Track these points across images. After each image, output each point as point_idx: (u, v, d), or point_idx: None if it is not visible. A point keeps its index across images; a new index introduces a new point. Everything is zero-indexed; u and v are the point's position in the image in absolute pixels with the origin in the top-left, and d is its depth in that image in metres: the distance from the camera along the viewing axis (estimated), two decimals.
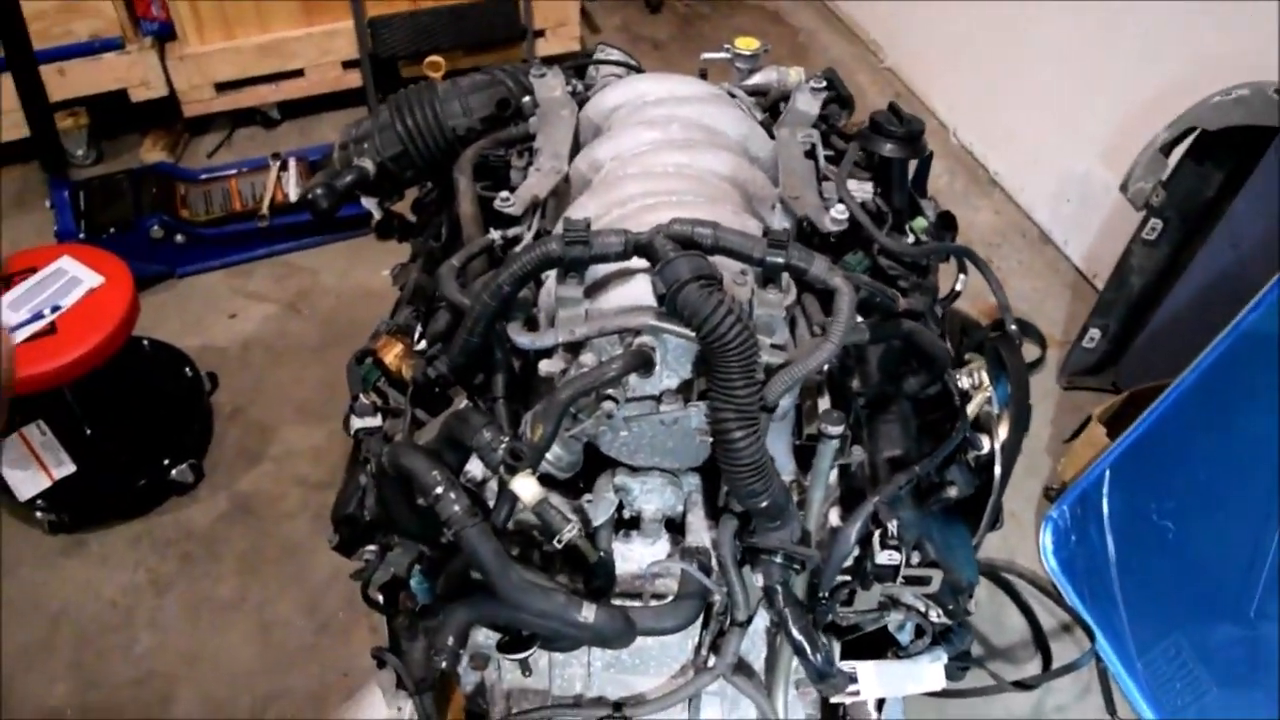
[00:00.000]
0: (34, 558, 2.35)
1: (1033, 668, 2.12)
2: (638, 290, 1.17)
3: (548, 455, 1.17)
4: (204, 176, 3.15)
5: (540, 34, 3.69)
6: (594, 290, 1.19)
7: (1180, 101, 2.26)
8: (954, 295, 1.59)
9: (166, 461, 2.44)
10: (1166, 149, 2.31)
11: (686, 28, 4.26)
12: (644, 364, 1.12)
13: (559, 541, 1.11)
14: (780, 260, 1.11)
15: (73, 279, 2.22)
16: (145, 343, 2.67)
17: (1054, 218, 3.18)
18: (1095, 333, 2.66)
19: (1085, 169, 2.99)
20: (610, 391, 1.13)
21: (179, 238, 2.96)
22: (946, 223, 1.63)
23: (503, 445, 1.09)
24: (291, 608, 2.25)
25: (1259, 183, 2.14)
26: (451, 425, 1.15)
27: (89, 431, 2.38)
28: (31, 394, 2.14)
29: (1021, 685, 1.88)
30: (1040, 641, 2.17)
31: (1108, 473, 2.19)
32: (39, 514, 2.36)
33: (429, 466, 1.11)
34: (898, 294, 1.31)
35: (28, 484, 2.32)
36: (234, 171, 3.16)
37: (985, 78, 3.41)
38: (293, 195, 3.06)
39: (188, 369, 2.66)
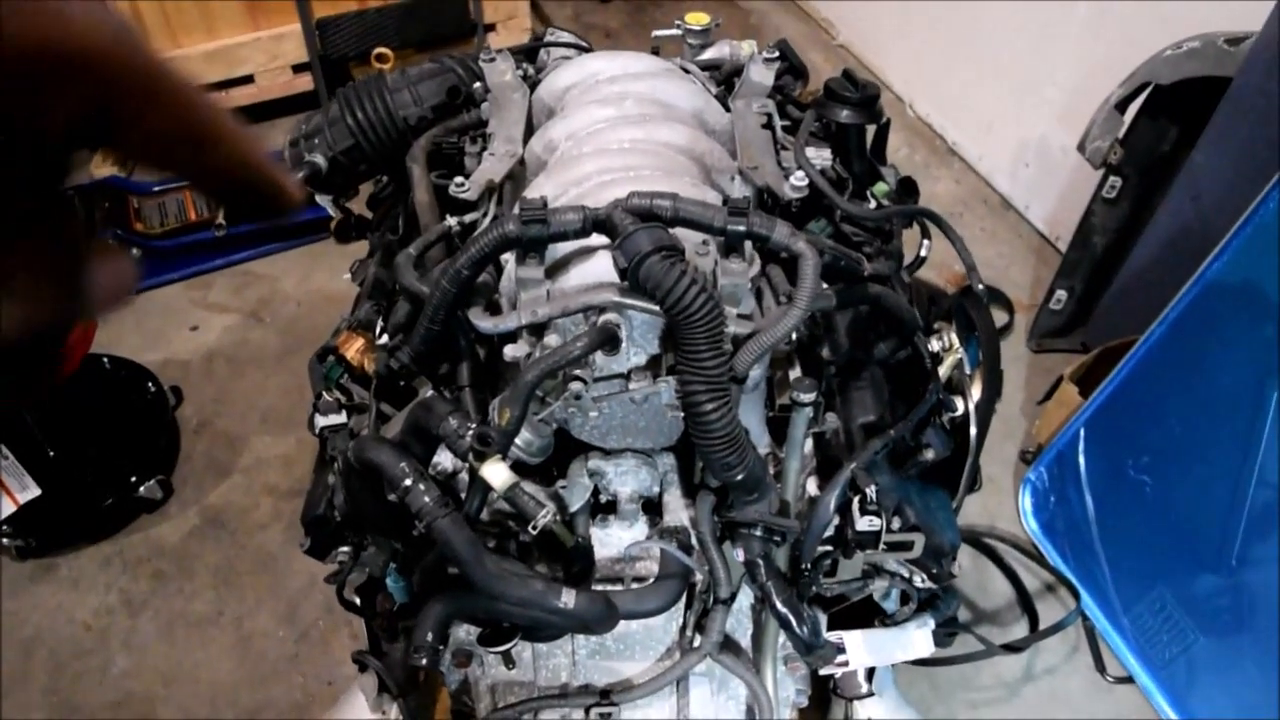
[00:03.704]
0: (3, 585, 2.30)
1: (1020, 630, 2.13)
2: (599, 267, 1.14)
3: (518, 441, 1.14)
4: (157, 189, 3.09)
5: (491, 28, 3.66)
6: (555, 270, 1.16)
7: (1132, 58, 2.27)
8: (919, 261, 1.58)
9: (134, 479, 2.39)
10: (1121, 106, 2.32)
11: (637, 15, 4.24)
12: (609, 341, 1.09)
13: (534, 528, 1.09)
14: (741, 228, 1.09)
15: None
16: (105, 360, 2.63)
17: (1014, 183, 3.19)
18: (1061, 294, 2.67)
19: (1042, 133, 3.00)
20: (577, 371, 1.11)
21: (134, 252, 2.91)
22: (908, 188, 1.61)
23: (470, 431, 1.06)
24: (269, 619, 2.21)
25: (1214, 133, 2.15)
26: (417, 415, 1.13)
27: (52, 453, 2.33)
28: None
29: (1010, 648, 1.88)
30: (1026, 604, 2.18)
31: (1082, 431, 2.19)
32: (5, 540, 2.31)
33: (396, 458, 1.08)
34: (863, 258, 1.29)
35: None
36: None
37: (938, 49, 3.41)
38: None
39: (150, 384, 2.61)
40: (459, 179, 1.33)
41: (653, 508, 1.29)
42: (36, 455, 2.31)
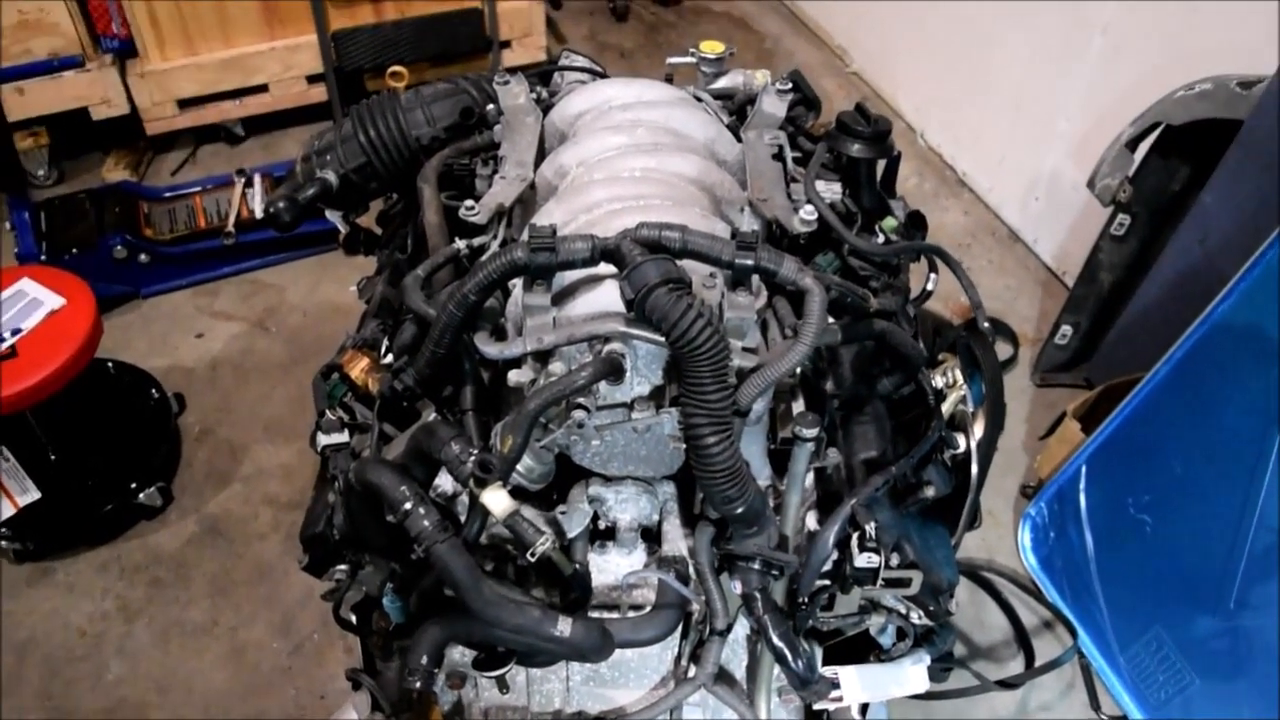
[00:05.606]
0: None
1: (1016, 666, 2.12)
2: (606, 297, 1.15)
3: (519, 467, 1.15)
4: (168, 194, 3.11)
5: (506, 45, 3.68)
6: (561, 298, 1.17)
7: (1145, 97, 2.27)
8: (925, 295, 1.58)
9: (134, 485, 2.39)
10: (1132, 144, 2.32)
11: (653, 35, 4.26)
12: (614, 371, 1.10)
13: (533, 555, 1.09)
14: (749, 262, 1.10)
15: (33, 301, 2.17)
16: (110, 365, 2.63)
17: (1023, 216, 3.19)
18: (1067, 329, 2.66)
19: (1052, 167, 3.00)
20: (581, 400, 1.11)
21: (143, 257, 2.92)
22: (916, 222, 1.62)
23: (472, 458, 1.06)
24: (264, 630, 2.21)
25: (1224, 175, 2.15)
26: (419, 439, 1.13)
27: (54, 457, 2.33)
28: None
29: (1005, 684, 1.87)
30: (1022, 640, 2.17)
31: (1084, 468, 2.19)
32: (3, 543, 2.31)
33: (397, 481, 1.09)
34: (869, 294, 1.29)
35: None
36: (198, 189, 3.12)
37: (952, 79, 3.42)
38: (258, 212, 3.02)
39: (154, 390, 2.61)
40: (469, 202, 1.34)
41: (651, 536, 1.29)
42: (37, 458, 2.31)
